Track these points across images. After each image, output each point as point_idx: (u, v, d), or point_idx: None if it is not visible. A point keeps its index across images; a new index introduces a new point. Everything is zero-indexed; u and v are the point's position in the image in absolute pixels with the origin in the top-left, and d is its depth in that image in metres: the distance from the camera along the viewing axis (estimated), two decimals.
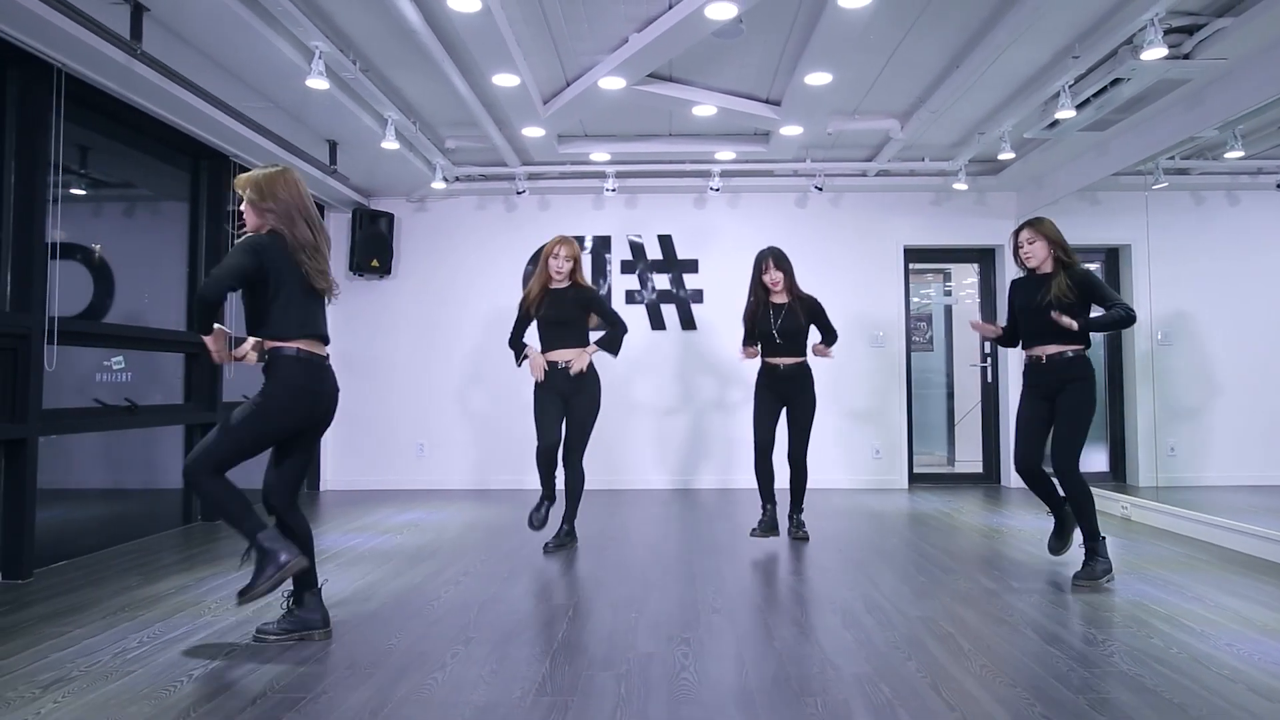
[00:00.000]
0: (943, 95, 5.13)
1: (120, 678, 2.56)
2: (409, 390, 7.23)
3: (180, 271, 5.47)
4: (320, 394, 2.92)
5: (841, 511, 5.79)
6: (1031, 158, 6.34)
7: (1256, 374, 6.53)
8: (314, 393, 2.89)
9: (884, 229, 7.23)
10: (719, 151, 6.42)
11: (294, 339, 2.85)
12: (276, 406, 2.83)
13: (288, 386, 2.83)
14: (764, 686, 2.49)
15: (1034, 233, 3.89)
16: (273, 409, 2.83)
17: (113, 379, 4.81)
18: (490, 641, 2.94)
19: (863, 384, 7.16)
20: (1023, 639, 2.93)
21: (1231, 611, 3.25)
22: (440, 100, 5.40)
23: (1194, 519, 4.86)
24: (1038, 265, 3.88)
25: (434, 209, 7.34)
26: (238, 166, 5.60)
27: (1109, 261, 7.02)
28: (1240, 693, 2.41)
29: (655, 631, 3.04)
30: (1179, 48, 4.30)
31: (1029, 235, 3.90)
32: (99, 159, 4.89)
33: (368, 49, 4.63)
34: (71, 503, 4.66)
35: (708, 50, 4.73)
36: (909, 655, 2.76)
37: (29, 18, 3.48)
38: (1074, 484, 3.73)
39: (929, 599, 3.48)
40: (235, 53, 4.29)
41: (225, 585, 3.71)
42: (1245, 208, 6.70)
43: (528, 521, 4.46)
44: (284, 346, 2.83)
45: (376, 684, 2.51)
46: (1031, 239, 3.88)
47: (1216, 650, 2.78)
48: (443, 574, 3.97)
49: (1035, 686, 2.46)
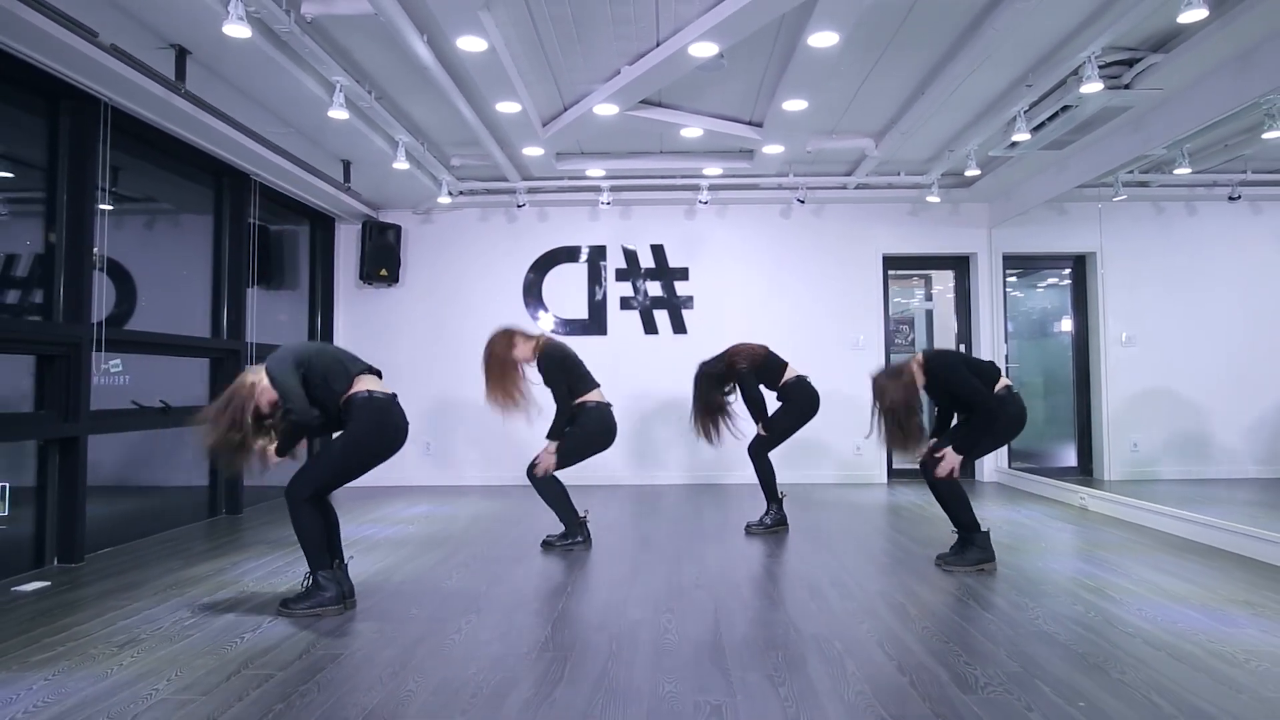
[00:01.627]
0: (911, 119, 5.56)
1: (183, 639, 2.98)
2: (415, 391, 7.64)
3: (205, 281, 5.89)
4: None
5: (822, 504, 6.22)
6: (1000, 172, 6.78)
7: (1213, 373, 6.97)
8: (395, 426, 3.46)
9: (864, 238, 7.67)
10: (707, 167, 6.86)
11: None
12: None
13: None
14: (734, 644, 2.92)
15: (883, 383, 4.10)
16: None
17: (110, 381, 5.17)
18: (499, 611, 3.36)
19: (844, 385, 7.57)
20: (964, 607, 3.36)
21: (1151, 584, 3.68)
22: (447, 124, 5.84)
23: (1141, 508, 5.29)
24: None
25: (439, 221, 7.76)
26: (257, 184, 6.03)
27: (1076, 269, 7.47)
28: (1137, 645, 2.84)
29: (644, 603, 3.47)
30: (1119, 79, 4.74)
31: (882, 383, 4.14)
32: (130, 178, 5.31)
33: (382, 80, 5.06)
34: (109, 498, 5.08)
35: (693, 80, 5.16)
36: (862, 620, 3.19)
37: (84, 61, 3.90)
38: (941, 484, 4.02)
39: (889, 576, 3.91)
40: (265, 87, 4.72)
41: (259, 568, 4.14)
42: (1202, 218, 7.14)
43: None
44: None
45: (402, 643, 2.94)
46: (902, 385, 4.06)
47: (1127, 614, 3.22)
48: (453, 558, 4.39)
49: (965, 642, 2.89)
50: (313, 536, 3.26)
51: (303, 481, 3.28)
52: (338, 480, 3.34)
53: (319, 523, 3.28)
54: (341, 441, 3.31)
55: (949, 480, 4.01)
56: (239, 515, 5.78)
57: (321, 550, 3.27)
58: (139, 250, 5.34)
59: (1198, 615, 3.19)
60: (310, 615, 3.23)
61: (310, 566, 3.29)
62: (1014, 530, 5.01)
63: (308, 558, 3.29)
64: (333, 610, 3.26)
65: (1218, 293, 6.98)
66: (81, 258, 4.39)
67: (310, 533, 3.25)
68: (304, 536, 3.26)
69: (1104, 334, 6.81)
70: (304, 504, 3.24)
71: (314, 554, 3.27)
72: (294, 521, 3.27)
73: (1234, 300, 6.89)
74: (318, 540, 3.27)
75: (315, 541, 3.26)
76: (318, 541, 3.26)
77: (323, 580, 3.26)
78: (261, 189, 6.11)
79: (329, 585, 3.26)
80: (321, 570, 3.27)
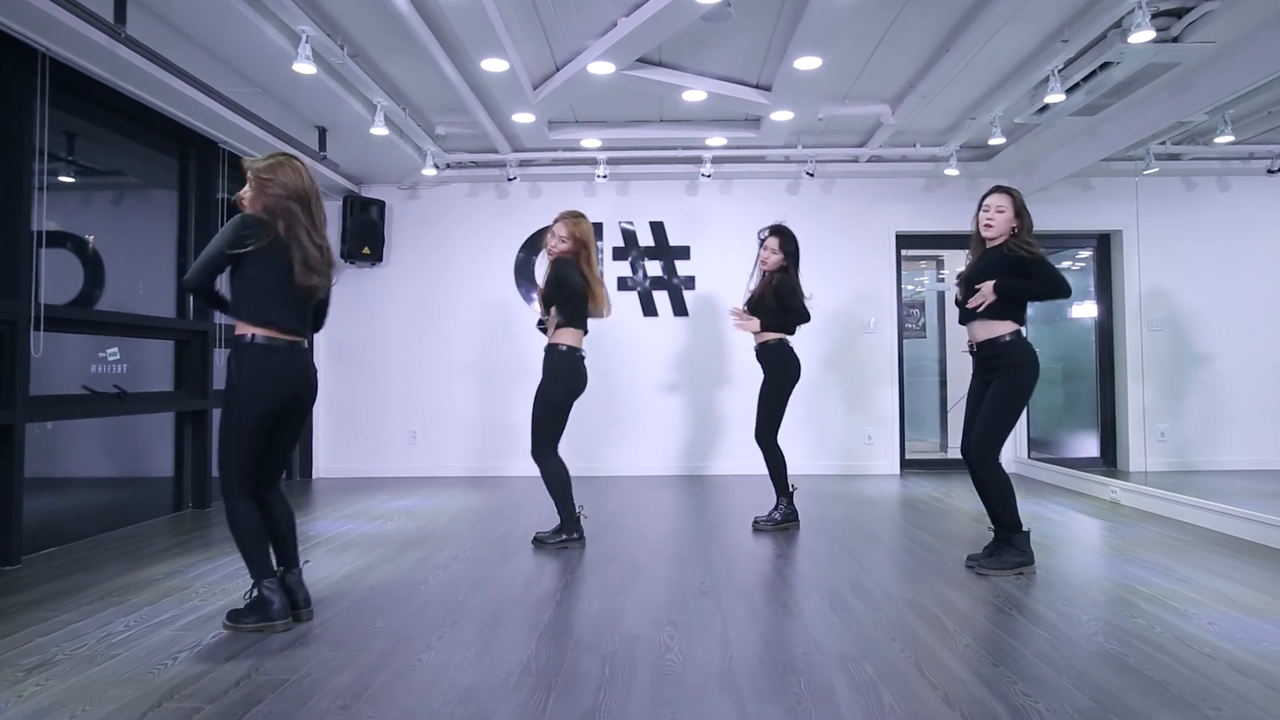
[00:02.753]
0: (933, 79, 5.12)
1: (104, 661, 2.56)
2: (401, 378, 7.23)
3: (170, 259, 5.45)
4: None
5: (833, 496, 5.80)
6: (1023, 143, 6.33)
7: (1246, 359, 6.55)
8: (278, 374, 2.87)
9: (876, 215, 7.23)
10: (710, 137, 6.41)
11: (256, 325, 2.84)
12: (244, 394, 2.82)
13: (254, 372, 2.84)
14: (748, 667, 2.50)
15: (1005, 200, 3.57)
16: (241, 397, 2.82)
17: (108, 369, 4.81)
18: (477, 625, 2.94)
19: (855, 371, 7.16)
20: (1008, 619, 2.95)
21: (1214, 591, 3.27)
22: (429, 86, 5.38)
23: (1181, 502, 4.87)
24: (994, 238, 3.59)
25: (425, 196, 7.31)
26: (227, 154, 5.58)
27: (1100, 248, 7.04)
28: (1222, 670, 2.43)
29: (642, 614, 3.05)
30: (1167, 30, 4.29)
31: (999, 202, 3.57)
32: (87, 146, 4.86)
33: (355, 34, 4.60)
34: (64, 491, 4.66)
35: (697, 34, 4.71)
36: (894, 636, 2.78)
37: (11, 1, 3.46)
38: (986, 474, 3.59)
39: (916, 582, 3.49)
40: (220, 37, 4.26)
41: (214, 570, 3.72)
42: (1236, 193, 6.71)
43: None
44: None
45: (360, 666, 2.52)
46: (1001, 207, 3.56)
47: (1199, 629, 2.80)
48: (432, 559, 3.97)
49: (1018, 665, 2.48)
50: (249, 538, 2.81)
51: (222, 472, 2.82)
52: (240, 454, 2.79)
53: (256, 521, 2.83)
54: (222, 409, 2.85)
55: (997, 470, 3.58)
56: (206, 510, 5.35)
57: (262, 554, 2.83)
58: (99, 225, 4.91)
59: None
60: (255, 632, 2.81)
61: (251, 574, 2.84)
62: (1043, 526, 4.59)
63: (247, 564, 2.84)
64: (280, 626, 2.82)
65: (1254, 272, 6.55)
66: (18, 227, 3.94)
67: (246, 533, 2.80)
68: (238, 538, 2.81)
69: (1141, 316, 6.37)
70: (235, 497, 2.79)
71: (253, 559, 2.82)
72: (229, 521, 2.82)
73: (1272, 280, 6.45)
74: (255, 542, 2.82)
75: (253, 544, 2.81)
76: (256, 544, 2.82)
77: (267, 591, 2.82)
78: (232, 160, 5.64)
79: (274, 596, 2.82)
80: (265, 579, 2.83)
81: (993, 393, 3.59)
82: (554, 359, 4.15)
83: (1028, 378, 3.56)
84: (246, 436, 2.80)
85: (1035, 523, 4.68)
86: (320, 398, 7.08)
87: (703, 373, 7.15)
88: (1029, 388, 3.58)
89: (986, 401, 3.60)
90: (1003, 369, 3.56)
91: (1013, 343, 3.57)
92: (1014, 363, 3.54)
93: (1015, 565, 3.57)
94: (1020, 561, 3.58)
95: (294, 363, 2.89)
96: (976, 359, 3.72)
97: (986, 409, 3.59)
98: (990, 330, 3.60)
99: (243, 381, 2.79)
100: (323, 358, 7.20)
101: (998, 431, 3.57)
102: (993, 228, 3.58)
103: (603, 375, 4.81)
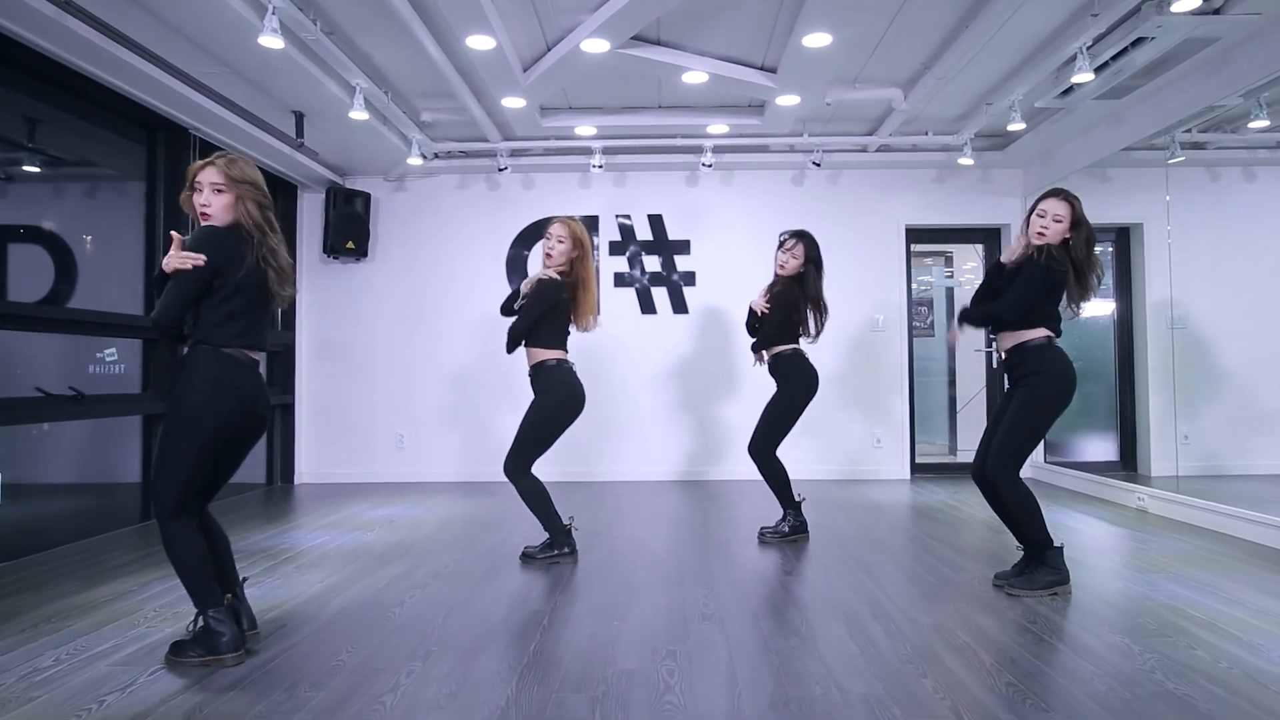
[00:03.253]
0: (951, 59, 4.78)
1: (23, 704, 2.23)
2: (388, 379, 6.89)
3: (137, 253, 5.12)
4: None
5: (841, 504, 5.48)
6: (1041, 130, 6.00)
7: (1271, 359, 6.23)
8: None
9: (885, 207, 6.90)
10: (711, 125, 6.07)
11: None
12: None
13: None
14: (758, 708, 2.17)
15: (1065, 209, 3.20)
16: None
17: (106, 370, 4.53)
18: (453, 656, 2.61)
19: (863, 371, 6.83)
20: (1049, 650, 2.62)
21: (1276, 616, 2.94)
22: (412, 67, 5.03)
23: (1215, 511, 4.55)
24: (1041, 245, 3.24)
25: (413, 188, 6.98)
26: (198, 140, 5.25)
27: (1119, 241, 6.71)
28: None
29: (638, 643, 2.72)
30: (1209, 2, 3.96)
31: (1058, 210, 3.20)
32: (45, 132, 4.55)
33: (330, 8, 4.26)
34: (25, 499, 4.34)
35: (698, 8, 4.38)
36: (923, 671, 2.45)
37: None
38: (1006, 493, 3.26)
39: (941, 603, 3.16)
40: (178, 7, 3.92)
41: (169, 591, 3.38)
42: (1263, 184, 6.38)
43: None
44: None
45: (315, 709, 2.19)
46: (1059, 215, 3.19)
47: (1272, 664, 2.47)
48: (411, 576, 3.64)
49: (1072, 711, 2.15)
50: (192, 565, 2.48)
51: (159, 492, 2.50)
52: (187, 471, 2.47)
53: (199, 546, 2.51)
54: (165, 422, 2.55)
55: (1018, 487, 3.24)
56: None
57: (208, 581, 2.50)
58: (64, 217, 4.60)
59: None
60: (201, 666, 2.48)
61: (196, 605, 2.52)
62: (1068, 538, 4.24)
63: (190, 594, 2.52)
64: (231, 660, 2.49)
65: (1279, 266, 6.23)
66: None
67: (189, 561, 2.48)
68: (180, 566, 2.49)
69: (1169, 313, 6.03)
70: (173, 524, 2.48)
71: (198, 587, 2.50)
72: (166, 549, 2.49)
73: None
74: (200, 569, 2.49)
75: (197, 571, 2.49)
76: (200, 571, 2.49)
77: (214, 622, 2.49)
78: (204, 147, 5.30)
79: (224, 628, 2.49)
80: (212, 609, 2.50)
81: (1016, 404, 3.26)
82: (544, 375, 3.86)
83: (1056, 389, 3.22)
84: (195, 453, 2.48)
85: (1058, 533, 4.35)
86: (303, 400, 6.84)
87: (703, 373, 6.81)
88: (1057, 401, 3.24)
89: (1008, 414, 3.28)
90: (1028, 377, 3.24)
91: (1042, 348, 3.24)
92: (1040, 370, 3.22)
93: (1049, 585, 3.24)
94: (1054, 580, 3.25)
95: (255, 380, 2.62)
96: (1005, 370, 3.39)
97: (1007, 422, 3.26)
98: (1017, 337, 3.27)
99: (198, 390, 2.47)
100: (305, 358, 6.87)
101: (1017, 449, 3.25)
102: (1045, 235, 3.23)
103: (598, 376, 4.48)
